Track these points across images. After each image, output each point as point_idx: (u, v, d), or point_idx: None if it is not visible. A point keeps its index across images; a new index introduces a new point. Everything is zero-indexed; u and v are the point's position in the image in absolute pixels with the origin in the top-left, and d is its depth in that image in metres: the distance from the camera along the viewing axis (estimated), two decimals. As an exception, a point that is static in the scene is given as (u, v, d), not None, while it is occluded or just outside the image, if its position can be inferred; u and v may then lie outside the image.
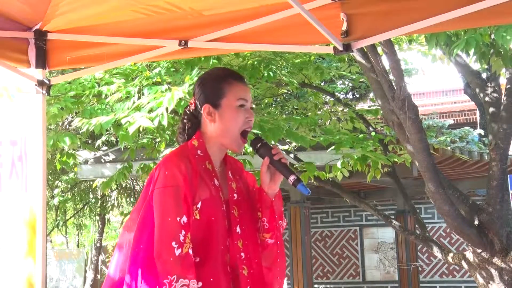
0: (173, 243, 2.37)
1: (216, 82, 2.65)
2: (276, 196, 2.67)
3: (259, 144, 2.70)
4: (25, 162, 4.49)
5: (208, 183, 2.53)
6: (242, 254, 2.53)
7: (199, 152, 2.57)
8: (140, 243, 2.45)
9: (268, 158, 2.62)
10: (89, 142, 9.60)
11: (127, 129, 6.06)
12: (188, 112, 2.70)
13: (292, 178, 2.59)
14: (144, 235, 2.46)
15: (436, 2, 3.34)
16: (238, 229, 2.55)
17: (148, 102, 6.12)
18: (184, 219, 2.41)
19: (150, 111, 6.05)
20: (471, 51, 4.99)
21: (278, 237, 2.68)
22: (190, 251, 2.40)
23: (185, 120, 2.69)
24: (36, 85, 4.17)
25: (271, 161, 2.63)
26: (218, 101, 2.61)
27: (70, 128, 8.66)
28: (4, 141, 4.41)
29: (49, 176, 12.20)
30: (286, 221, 2.83)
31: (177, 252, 2.36)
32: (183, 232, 2.40)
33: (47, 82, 4.21)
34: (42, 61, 4.10)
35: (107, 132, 8.19)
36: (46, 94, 4.23)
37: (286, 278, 11.28)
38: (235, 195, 2.61)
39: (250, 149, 5.44)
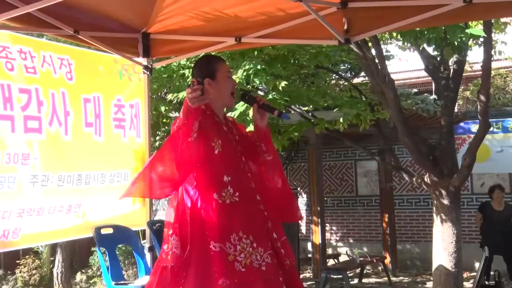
0: None
1: (211, 63, 2.56)
2: (266, 127, 2.62)
3: (247, 97, 2.63)
4: (139, 118, 4.58)
5: (221, 129, 2.48)
6: (249, 174, 2.50)
7: (207, 112, 2.46)
8: None
9: (256, 104, 2.57)
10: (178, 106, 9.63)
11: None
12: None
13: (276, 112, 2.53)
14: None
15: (407, 10, 3.31)
16: (243, 158, 2.51)
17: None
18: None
19: None
20: (432, 43, 4.96)
21: (274, 153, 2.63)
22: None
23: None
24: (143, 68, 4.22)
25: (258, 106, 2.56)
26: (214, 74, 2.51)
27: (165, 97, 8.69)
28: (126, 105, 4.50)
29: (153, 128, 12.32)
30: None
31: None
32: None
33: (150, 67, 4.26)
34: (146, 53, 4.14)
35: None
36: (150, 74, 4.28)
37: (305, 195, 11.31)
38: (236, 137, 2.56)
39: None
